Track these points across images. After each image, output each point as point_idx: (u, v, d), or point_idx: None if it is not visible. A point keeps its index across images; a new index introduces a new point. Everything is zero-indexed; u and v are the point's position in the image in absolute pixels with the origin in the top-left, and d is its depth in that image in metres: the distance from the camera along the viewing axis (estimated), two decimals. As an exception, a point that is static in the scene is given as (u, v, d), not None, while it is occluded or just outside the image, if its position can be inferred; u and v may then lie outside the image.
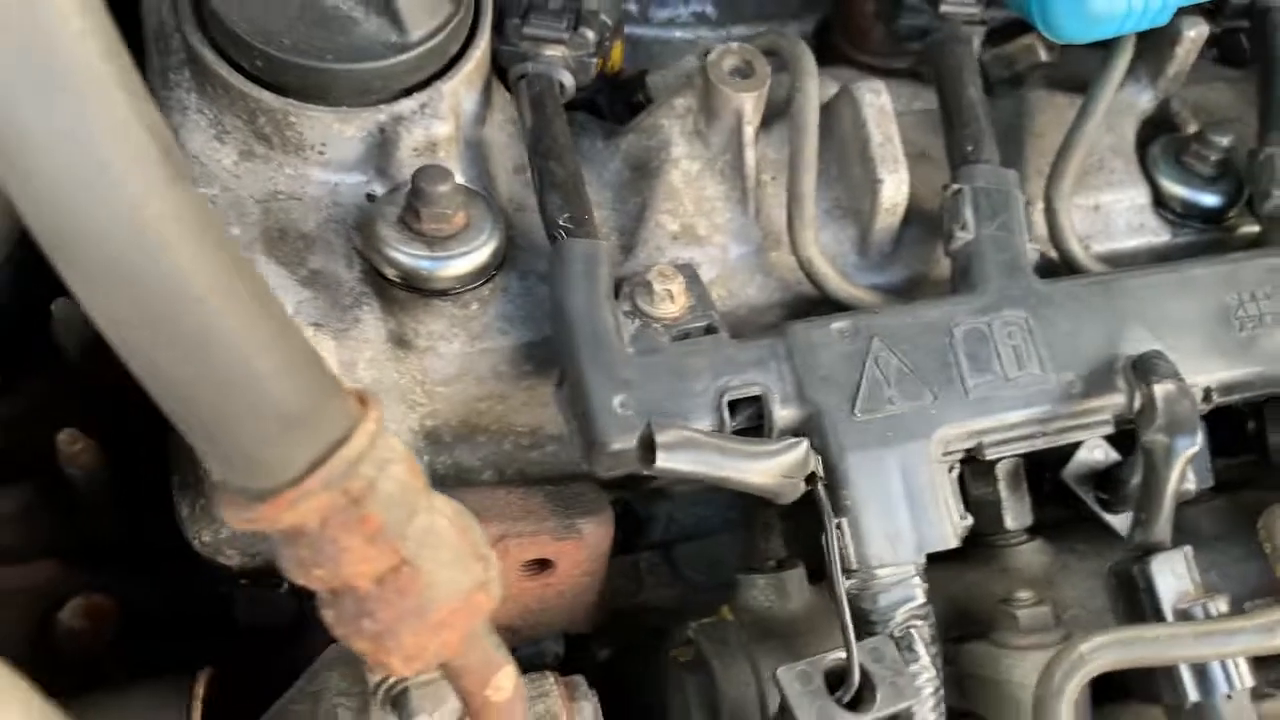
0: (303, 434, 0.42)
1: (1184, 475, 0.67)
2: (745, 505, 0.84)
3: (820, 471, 0.66)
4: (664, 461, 0.58)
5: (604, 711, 0.66)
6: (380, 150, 0.72)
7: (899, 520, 0.68)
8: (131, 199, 0.33)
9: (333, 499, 0.43)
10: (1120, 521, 0.77)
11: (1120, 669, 0.63)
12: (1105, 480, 0.78)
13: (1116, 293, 0.74)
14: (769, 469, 0.61)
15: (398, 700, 0.65)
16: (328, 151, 0.71)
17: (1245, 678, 0.65)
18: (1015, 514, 0.78)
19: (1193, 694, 0.65)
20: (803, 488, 0.64)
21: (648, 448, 0.60)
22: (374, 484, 0.45)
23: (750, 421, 0.68)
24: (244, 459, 0.42)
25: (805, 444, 0.62)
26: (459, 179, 0.71)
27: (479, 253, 0.70)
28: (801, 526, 0.79)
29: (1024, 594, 0.73)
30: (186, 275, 0.35)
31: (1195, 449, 0.67)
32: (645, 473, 0.62)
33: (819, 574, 0.74)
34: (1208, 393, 0.73)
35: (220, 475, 0.43)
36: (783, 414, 0.68)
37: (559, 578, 0.76)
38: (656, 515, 0.94)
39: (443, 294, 0.71)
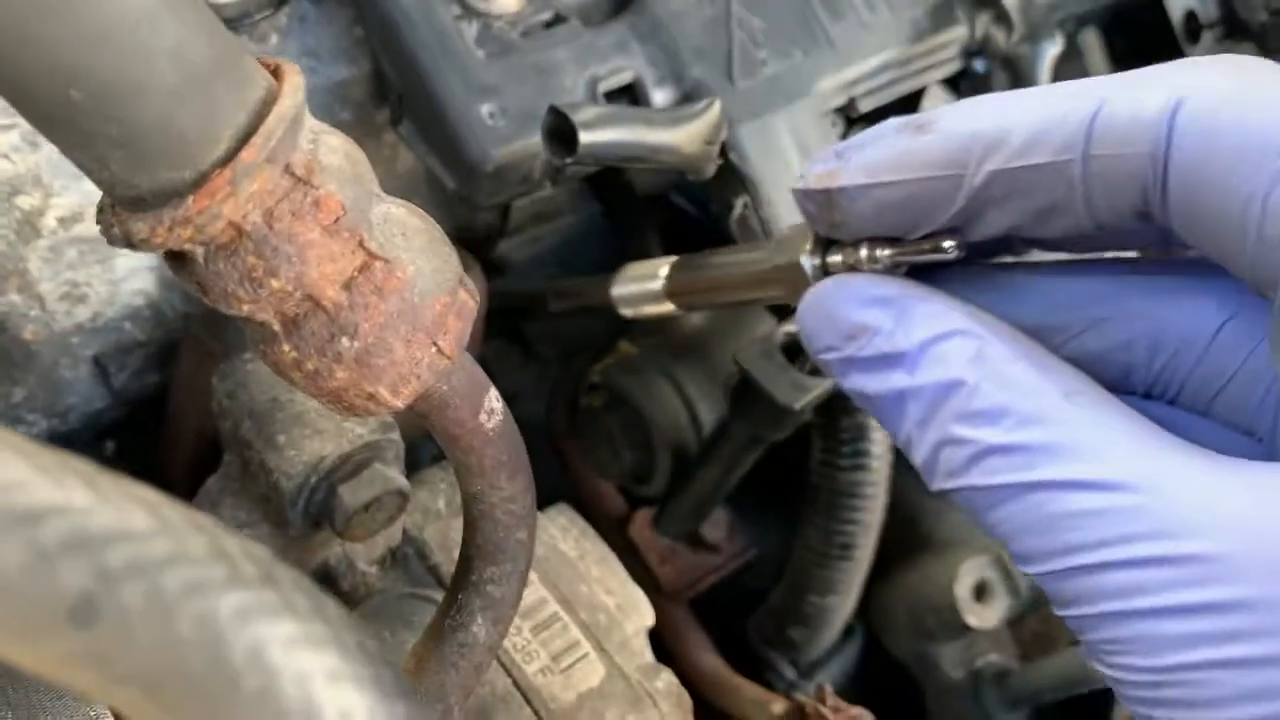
0: (223, 93, 0.32)
1: (1052, 78, 0.67)
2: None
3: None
4: (589, 137, 0.50)
5: None
6: None
7: (801, 184, 0.63)
8: None
9: (276, 176, 0.33)
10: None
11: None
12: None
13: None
14: (692, 133, 0.54)
15: (325, 501, 0.54)
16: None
17: None
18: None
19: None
20: (716, 159, 0.58)
21: (562, 136, 0.51)
22: (317, 157, 0.34)
23: (628, 111, 0.61)
24: (156, 140, 0.31)
25: (718, 102, 0.56)
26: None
27: (269, -34, 0.56)
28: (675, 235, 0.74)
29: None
30: None
31: (1059, 48, 0.67)
32: (556, 169, 0.52)
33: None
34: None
35: (122, 179, 0.31)
36: (660, 96, 0.62)
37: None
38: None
39: (232, 25, 0.57)
